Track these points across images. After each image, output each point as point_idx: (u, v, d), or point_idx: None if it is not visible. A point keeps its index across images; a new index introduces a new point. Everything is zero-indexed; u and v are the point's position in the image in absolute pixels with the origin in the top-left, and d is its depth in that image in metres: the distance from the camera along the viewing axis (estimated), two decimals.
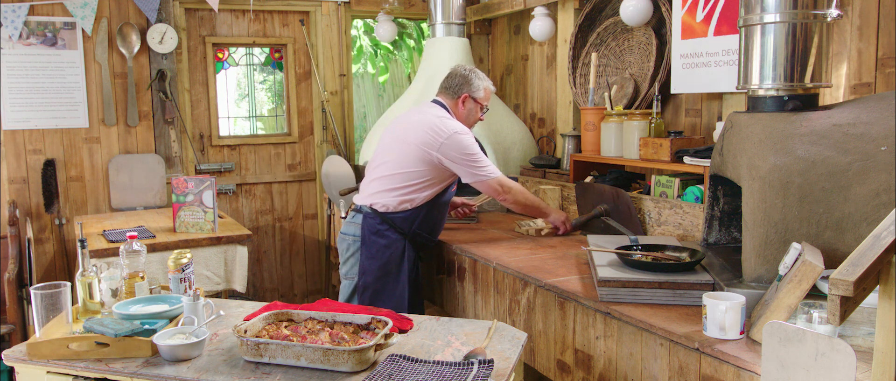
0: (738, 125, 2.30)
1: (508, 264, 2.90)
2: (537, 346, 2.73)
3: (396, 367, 1.85)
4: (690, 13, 3.16)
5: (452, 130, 3.00)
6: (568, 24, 4.04)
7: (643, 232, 3.14)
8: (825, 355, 1.42)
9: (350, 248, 3.15)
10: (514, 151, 4.35)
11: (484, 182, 3.08)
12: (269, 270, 5.09)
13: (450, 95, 3.17)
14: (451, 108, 3.16)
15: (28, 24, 4.23)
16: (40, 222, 4.39)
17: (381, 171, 3.11)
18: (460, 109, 3.16)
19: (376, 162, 3.18)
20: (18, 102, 4.27)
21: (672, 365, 2.05)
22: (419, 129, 3.03)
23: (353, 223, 3.14)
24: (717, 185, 2.57)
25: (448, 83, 3.18)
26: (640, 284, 2.29)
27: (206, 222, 3.71)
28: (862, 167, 1.99)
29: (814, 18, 2.17)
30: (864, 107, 2.13)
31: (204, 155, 4.81)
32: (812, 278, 1.79)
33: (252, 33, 4.90)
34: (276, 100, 5.33)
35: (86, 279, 2.26)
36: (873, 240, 1.33)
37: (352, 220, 3.15)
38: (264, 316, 2.08)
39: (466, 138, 3.02)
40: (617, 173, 3.50)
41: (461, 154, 3.01)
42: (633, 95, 3.55)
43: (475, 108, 3.19)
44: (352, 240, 3.14)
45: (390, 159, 3.08)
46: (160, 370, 1.90)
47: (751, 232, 2.12)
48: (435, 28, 4.52)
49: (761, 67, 2.25)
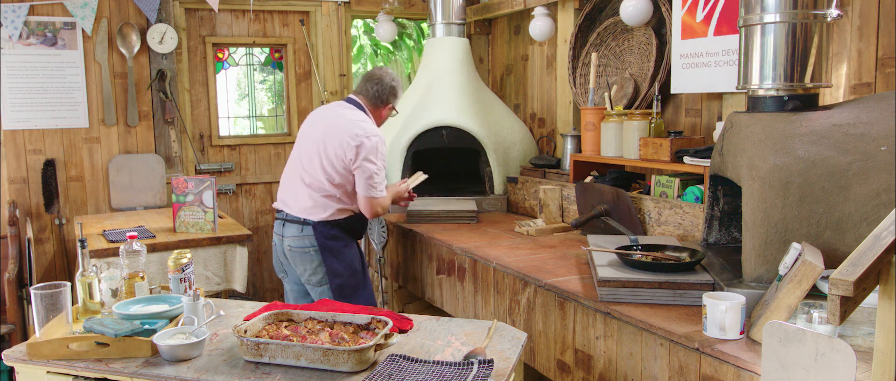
0: (738, 125, 2.30)
1: (508, 264, 2.90)
2: (537, 346, 2.73)
3: (396, 367, 1.85)
4: (690, 13, 3.16)
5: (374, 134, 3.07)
6: (568, 24, 4.04)
7: (643, 232, 3.14)
8: (825, 355, 1.42)
9: (313, 259, 3.13)
10: (514, 151, 4.35)
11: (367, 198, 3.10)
12: (269, 270, 5.08)
13: (374, 102, 3.25)
14: (371, 110, 3.24)
15: (28, 24, 4.24)
16: (40, 222, 4.39)
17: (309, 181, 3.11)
18: (382, 115, 3.30)
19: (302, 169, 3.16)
20: (18, 102, 4.27)
21: (672, 365, 2.05)
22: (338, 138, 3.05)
23: (304, 237, 3.11)
24: (717, 185, 2.57)
25: (376, 89, 3.23)
26: (640, 284, 2.29)
27: (206, 222, 3.71)
28: (862, 167, 1.99)
29: (814, 18, 2.17)
30: (864, 107, 2.13)
31: (204, 155, 4.81)
32: (812, 278, 1.79)
33: (252, 33, 4.90)
34: (276, 100, 5.33)
35: (86, 279, 2.26)
36: (873, 240, 1.33)
37: (300, 234, 3.12)
38: (264, 316, 2.08)
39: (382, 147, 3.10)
40: (617, 173, 3.50)
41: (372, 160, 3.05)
42: (633, 95, 3.55)
43: (390, 112, 3.35)
44: (314, 251, 3.12)
45: (315, 170, 3.10)
46: (160, 370, 1.90)
47: (751, 232, 2.12)
48: (435, 28, 4.52)
49: (761, 66, 2.25)
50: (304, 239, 3.13)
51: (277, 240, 3.24)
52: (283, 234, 3.19)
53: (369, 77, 3.27)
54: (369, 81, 3.25)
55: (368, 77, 3.27)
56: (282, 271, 3.33)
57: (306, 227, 3.11)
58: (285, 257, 3.22)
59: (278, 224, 3.22)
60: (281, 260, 3.27)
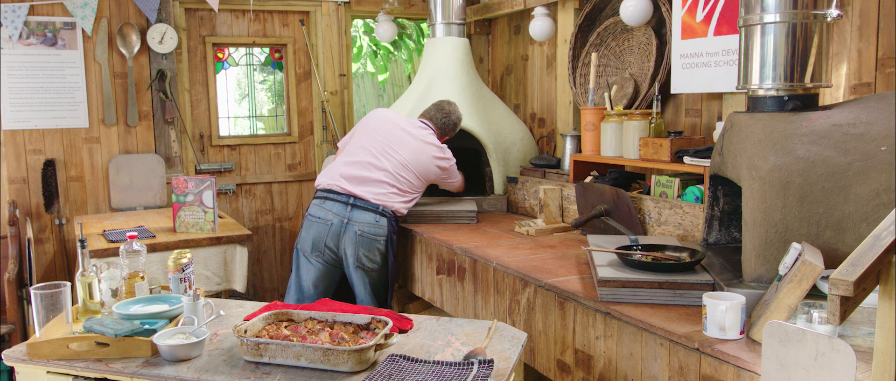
0: (738, 125, 2.30)
1: (508, 264, 2.90)
2: (537, 346, 2.73)
3: (396, 367, 1.85)
4: (690, 13, 3.16)
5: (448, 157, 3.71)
6: (568, 24, 4.04)
7: (643, 232, 3.14)
8: (825, 355, 1.42)
9: (381, 246, 3.47)
10: (514, 151, 4.35)
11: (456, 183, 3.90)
12: (269, 270, 5.08)
13: (440, 130, 3.76)
14: (437, 136, 3.74)
15: (28, 24, 4.23)
16: (40, 222, 4.39)
17: (386, 177, 3.52)
18: (441, 141, 3.77)
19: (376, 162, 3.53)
20: (18, 102, 4.27)
21: (672, 365, 2.05)
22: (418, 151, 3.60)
23: (379, 226, 3.46)
24: (717, 185, 2.57)
25: (442, 122, 3.76)
26: (640, 284, 2.29)
27: (206, 222, 3.71)
28: (862, 167, 1.99)
29: (814, 18, 2.17)
30: (864, 107, 2.13)
31: (204, 155, 4.81)
32: (812, 278, 1.79)
33: (252, 33, 4.90)
34: (276, 100, 5.33)
35: (86, 279, 2.26)
36: (873, 240, 1.33)
37: (375, 223, 3.45)
38: (264, 316, 2.08)
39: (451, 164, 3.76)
40: (617, 173, 3.50)
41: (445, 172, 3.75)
42: (633, 95, 3.55)
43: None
44: (383, 240, 3.47)
45: (395, 168, 3.54)
46: (160, 370, 1.90)
47: (751, 232, 2.12)
48: (435, 28, 4.52)
49: (761, 67, 2.25)
50: (378, 228, 3.44)
51: (336, 220, 3.44)
52: (350, 218, 3.42)
53: (440, 108, 3.79)
54: (440, 112, 3.76)
55: (439, 108, 3.79)
56: (322, 250, 3.48)
57: (382, 217, 3.45)
58: (342, 238, 3.44)
59: (340, 206, 3.44)
60: (333, 240, 3.45)
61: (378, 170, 3.50)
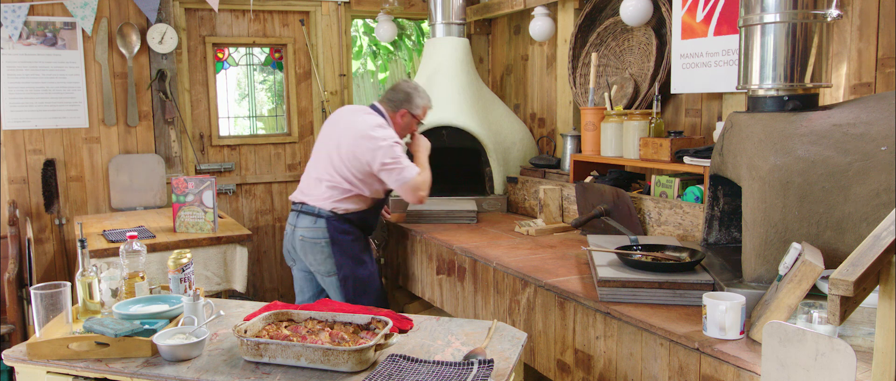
0: (738, 125, 2.30)
1: (508, 264, 2.90)
2: (537, 346, 2.73)
3: (396, 367, 1.85)
4: (690, 13, 3.16)
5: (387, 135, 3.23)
6: (568, 24, 4.04)
7: (643, 232, 3.14)
8: (825, 355, 1.42)
9: (323, 250, 3.28)
10: (514, 151, 4.35)
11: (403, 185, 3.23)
12: (269, 270, 5.08)
13: (390, 107, 3.40)
14: (389, 117, 3.39)
15: (28, 24, 4.23)
16: (40, 222, 4.39)
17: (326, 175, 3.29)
18: (398, 121, 3.40)
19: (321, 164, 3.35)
20: (18, 102, 4.27)
21: (672, 365, 2.05)
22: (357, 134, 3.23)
23: (317, 228, 3.27)
24: (717, 185, 2.57)
25: (391, 96, 3.43)
26: (640, 284, 2.29)
27: (206, 222, 3.71)
28: (862, 167, 1.99)
29: (814, 18, 2.17)
30: (864, 107, 2.13)
31: (204, 155, 4.81)
32: (812, 278, 1.79)
33: (252, 33, 4.90)
34: (276, 100, 5.33)
35: (86, 279, 2.26)
36: (873, 240, 1.33)
37: (314, 226, 3.27)
38: (264, 316, 2.08)
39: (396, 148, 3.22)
40: (617, 173, 3.50)
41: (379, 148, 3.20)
42: (633, 95, 3.55)
43: (411, 121, 3.45)
44: (324, 243, 3.27)
45: (334, 165, 3.28)
46: (160, 370, 1.90)
47: (751, 232, 2.12)
48: (435, 28, 4.52)
49: (761, 67, 2.25)
50: (316, 231, 3.27)
51: (289, 230, 3.39)
52: (296, 224, 3.34)
53: (392, 86, 3.49)
54: (391, 90, 3.47)
55: (392, 86, 3.50)
56: (290, 259, 3.48)
57: (320, 219, 3.27)
58: (294, 247, 3.37)
59: (293, 215, 3.39)
60: (290, 249, 3.42)
61: (323, 171, 3.31)
